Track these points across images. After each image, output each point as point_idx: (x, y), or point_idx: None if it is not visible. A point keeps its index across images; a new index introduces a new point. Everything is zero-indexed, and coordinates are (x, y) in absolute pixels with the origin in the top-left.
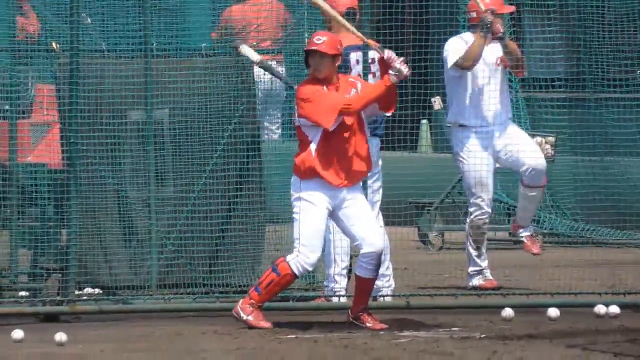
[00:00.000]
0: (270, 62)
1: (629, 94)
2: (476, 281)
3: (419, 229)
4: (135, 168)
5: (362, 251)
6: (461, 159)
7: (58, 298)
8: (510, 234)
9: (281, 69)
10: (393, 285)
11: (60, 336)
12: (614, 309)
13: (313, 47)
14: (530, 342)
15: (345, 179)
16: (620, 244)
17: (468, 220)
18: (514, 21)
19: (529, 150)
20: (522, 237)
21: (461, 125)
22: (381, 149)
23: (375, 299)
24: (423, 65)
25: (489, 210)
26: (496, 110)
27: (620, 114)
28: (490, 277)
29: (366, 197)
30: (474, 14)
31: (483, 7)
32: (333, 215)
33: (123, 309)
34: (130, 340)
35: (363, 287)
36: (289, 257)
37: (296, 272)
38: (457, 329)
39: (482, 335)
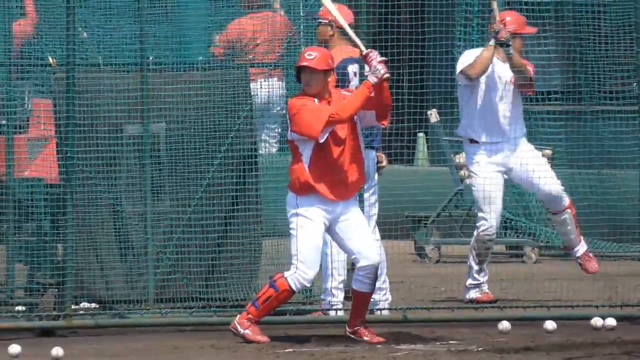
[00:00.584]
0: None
1: (625, 107)
2: (473, 294)
3: (415, 242)
4: (131, 182)
5: (358, 265)
6: (471, 173)
7: (54, 313)
8: (565, 254)
9: (281, 84)
10: (390, 299)
11: (57, 351)
12: (611, 322)
13: (304, 63)
14: (527, 355)
15: (340, 192)
16: (617, 257)
17: (475, 234)
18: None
19: (543, 177)
20: (577, 257)
21: (472, 140)
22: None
23: (372, 312)
24: (419, 78)
25: (495, 226)
26: (508, 126)
27: (616, 126)
28: (487, 291)
29: (362, 210)
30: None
31: (498, 18)
32: (329, 229)
33: (120, 324)
34: (127, 355)
35: (360, 301)
36: (286, 273)
37: (294, 287)
38: (454, 342)
39: (479, 349)
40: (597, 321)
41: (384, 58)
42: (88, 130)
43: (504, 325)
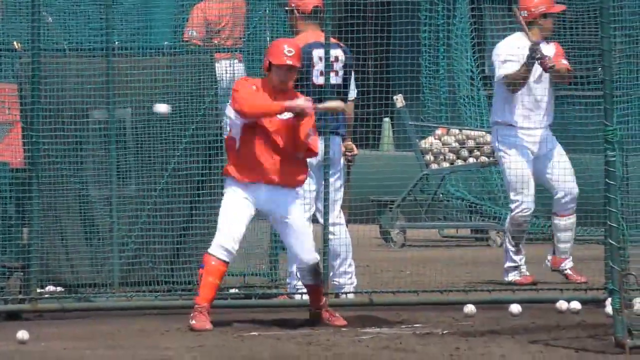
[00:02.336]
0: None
1: (590, 92)
2: (512, 277)
3: (380, 226)
4: (97, 167)
5: (297, 264)
6: (504, 154)
7: (20, 296)
8: (552, 270)
9: (241, 66)
10: (355, 283)
11: (22, 334)
12: (576, 305)
13: (288, 62)
14: (492, 338)
15: (251, 175)
16: (582, 240)
17: (509, 216)
18: (475, 19)
19: (564, 176)
20: (566, 270)
21: (509, 125)
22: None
23: (337, 295)
24: (385, 63)
25: (532, 207)
26: (543, 112)
27: (582, 111)
28: (527, 273)
29: (327, 195)
30: (525, 13)
31: (520, 18)
32: (270, 219)
33: (85, 307)
34: (93, 338)
35: (311, 292)
36: (210, 248)
37: (217, 255)
38: (419, 325)
39: (445, 332)
40: (562, 304)
41: (311, 99)
42: (54, 115)
43: (469, 308)
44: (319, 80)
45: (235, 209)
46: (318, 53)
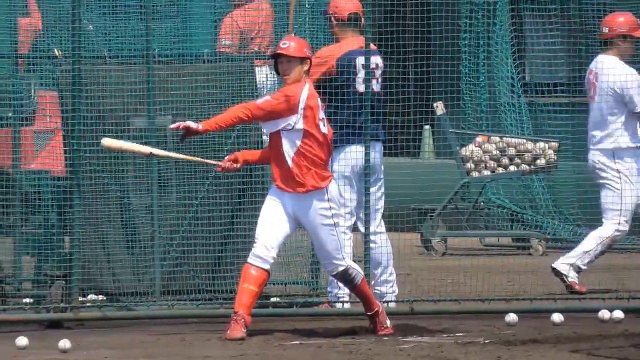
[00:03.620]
0: None
1: None
2: (573, 277)
3: (421, 234)
4: (138, 175)
5: (329, 273)
6: (625, 178)
7: (62, 305)
8: (571, 292)
9: (270, 74)
10: (397, 291)
11: (64, 343)
12: (618, 314)
13: (279, 51)
14: (534, 348)
15: (278, 178)
16: (624, 249)
17: (611, 234)
18: (516, 26)
19: None
20: (571, 279)
21: (627, 148)
22: (384, 154)
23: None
24: (425, 70)
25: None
26: None
27: None
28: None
29: (368, 203)
30: (606, 30)
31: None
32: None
33: (126, 316)
34: (134, 347)
35: (356, 296)
36: None
37: (253, 263)
38: (461, 334)
39: (486, 341)
40: (604, 314)
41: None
42: (94, 122)
43: (511, 317)
44: (361, 87)
45: (270, 216)
46: (360, 60)
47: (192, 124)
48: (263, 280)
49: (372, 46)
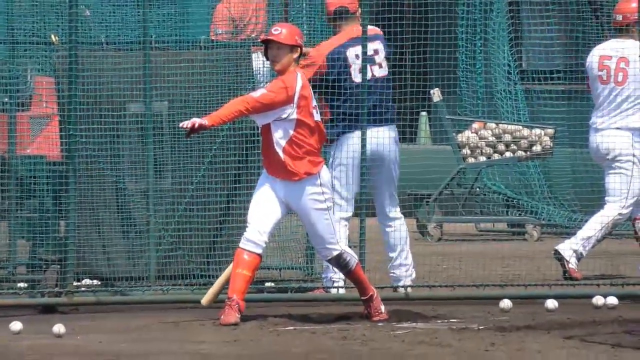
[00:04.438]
0: None
1: None
2: (573, 263)
3: (417, 220)
4: (133, 160)
5: (323, 259)
6: (633, 160)
7: (56, 289)
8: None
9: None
10: (414, 275)
11: (59, 327)
12: (612, 300)
13: (270, 37)
14: (528, 333)
15: (268, 166)
16: (618, 235)
17: (614, 217)
18: (513, 13)
19: None
20: (572, 264)
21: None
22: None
23: (395, 289)
24: (422, 57)
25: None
26: None
27: None
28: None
29: (365, 188)
30: (619, 17)
31: None
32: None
33: (121, 300)
34: (129, 332)
35: (350, 281)
36: None
37: (245, 247)
38: (455, 320)
39: (480, 327)
40: (598, 299)
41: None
42: (91, 108)
43: (505, 303)
44: (357, 78)
45: (262, 202)
46: (354, 51)
47: (201, 121)
48: (256, 265)
49: (374, 30)
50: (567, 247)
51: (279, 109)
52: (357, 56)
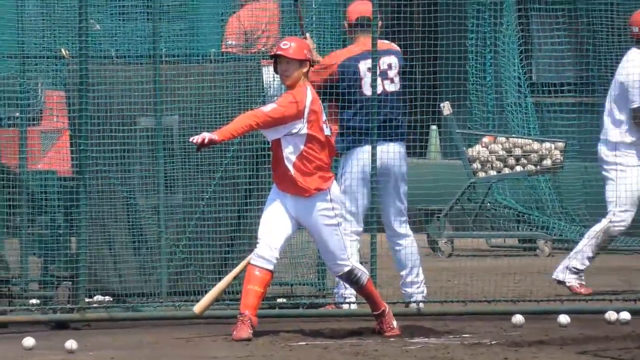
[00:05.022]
0: None
1: None
2: (571, 280)
3: (428, 235)
4: (144, 175)
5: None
6: (622, 169)
7: (68, 306)
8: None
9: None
10: (425, 292)
11: (71, 344)
12: (625, 316)
13: (279, 52)
14: (540, 349)
15: (278, 180)
16: (631, 250)
17: (604, 225)
18: (523, 26)
19: None
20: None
21: (630, 143)
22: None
23: (407, 305)
24: (432, 70)
25: (629, 224)
26: None
27: None
28: (584, 283)
29: (375, 203)
30: (636, 29)
31: None
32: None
33: (133, 317)
34: (141, 348)
35: (362, 296)
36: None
37: (256, 264)
38: (467, 335)
39: (493, 342)
40: (611, 315)
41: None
42: (101, 122)
43: (518, 318)
44: (368, 91)
45: (272, 217)
46: (366, 64)
47: (211, 136)
48: (267, 281)
49: (389, 45)
50: (561, 269)
51: (290, 123)
52: (369, 69)
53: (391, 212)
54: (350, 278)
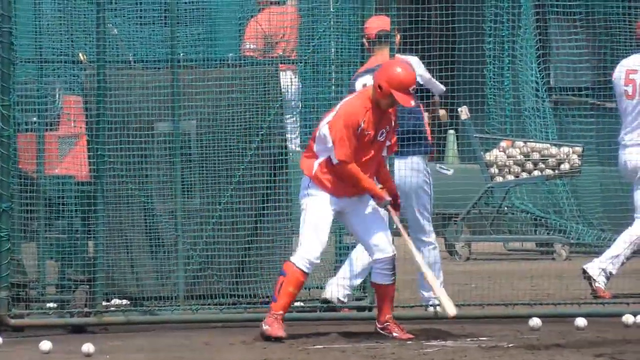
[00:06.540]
0: None
1: None
2: (601, 282)
3: (445, 239)
4: (161, 180)
5: (374, 257)
6: None
7: (86, 309)
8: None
9: (294, 78)
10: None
11: (88, 347)
12: None
13: (412, 103)
14: (558, 352)
15: (344, 190)
16: None
17: (638, 232)
18: (540, 30)
19: None
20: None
21: None
22: None
23: (425, 308)
24: (449, 75)
25: None
26: None
27: None
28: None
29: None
30: None
31: None
32: (344, 221)
33: (150, 320)
34: (158, 351)
35: (382, 294)
36: (292, 257)
37: (301, 267)
38: (484, 338)
39: (510, 345)
40: (628, 318)
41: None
42: (119, 127)
43: (535, 321)
44: None
45: (321, 216)
46: (363, 81)
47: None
48: (303, 284)
49: (408, 59)
50: (595, 266)
51: None
52: (364, 86)
53: (412, 225)
54: (392, 265)
